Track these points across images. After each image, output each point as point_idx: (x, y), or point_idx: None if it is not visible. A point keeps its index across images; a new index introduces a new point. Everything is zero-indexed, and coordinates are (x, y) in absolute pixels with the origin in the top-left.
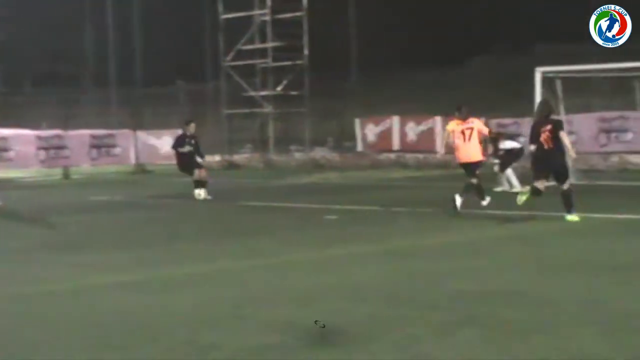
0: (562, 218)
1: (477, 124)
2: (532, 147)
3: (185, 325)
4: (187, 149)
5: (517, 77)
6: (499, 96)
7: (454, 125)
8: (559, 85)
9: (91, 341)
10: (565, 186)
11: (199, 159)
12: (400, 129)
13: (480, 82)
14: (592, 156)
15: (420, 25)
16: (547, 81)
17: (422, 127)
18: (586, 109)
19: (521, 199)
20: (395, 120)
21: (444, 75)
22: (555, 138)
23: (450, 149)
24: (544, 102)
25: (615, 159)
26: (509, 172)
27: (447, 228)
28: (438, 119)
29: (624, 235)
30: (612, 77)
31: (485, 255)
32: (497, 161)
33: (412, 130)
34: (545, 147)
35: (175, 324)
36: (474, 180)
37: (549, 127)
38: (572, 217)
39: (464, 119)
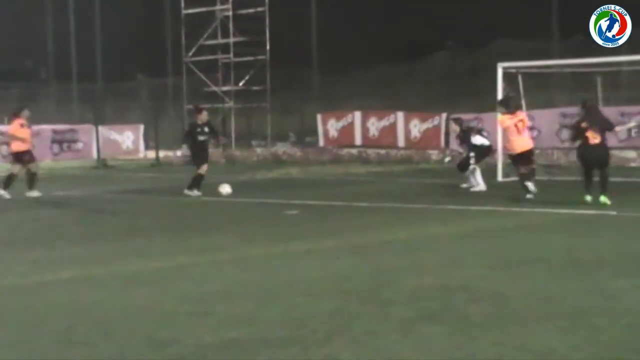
0: (524, 213)
1: (524, 116)
2: (572, 142)
3: (144, 321)
4: (202, 137)
5: (476, 73)
6: (459, 91)
7: (508, 121)
8: (520, 80)
9: (49, 337)
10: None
11: (217, 142)
12: (362, 124)
13: (440, 77)
14: (553, 152)
15: (381, 20)
16: (508, 77)
17: (384, 122)
18: (548, 104)
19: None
20: (357, 116)
21: (404, 70)
22: (601, 133)
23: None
24: (587, 100)
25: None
26: (476, 167)
27: (409, 223)
28: (400, 114)
29: (583, 231)
30: (574, 72)
31: (445, 250)
32: (472, 154)
33: (374, 125)
34: (591, 142)
35: (133, 320)
36: (533, 165)
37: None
38: (605, 200)
39: (513, 112)
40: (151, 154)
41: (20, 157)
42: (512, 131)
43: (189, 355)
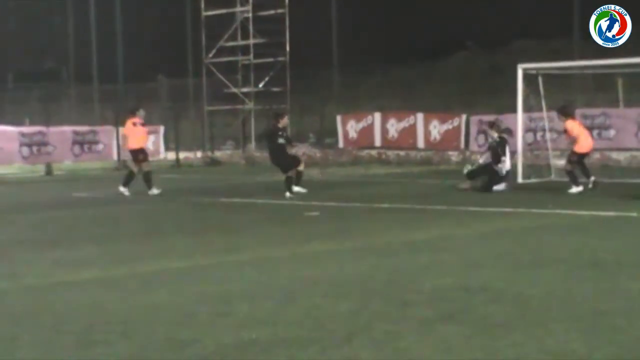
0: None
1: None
2: None
3: (164, 322)
4: (280, 141)
5: (496, 73)
6: (479, 92)
7: (576, 125)
8: (540, 81)
9: (70, 337)
10: None
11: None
12: (382, 126)
13: (460, 78)
14: None
15: (400, 21)
16: (528, 78)
17: (404, 123)
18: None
19: None
20: (376, 117)
21: (424, 71)
22: None
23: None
24: None
25: (597, 155)
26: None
27: (428, 224)
28: (419, 116)
29: (603, 233)
30: (594, 73)
31: (464, 251)
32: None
33: (393, 126)
34: None
35: (153, 320)
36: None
37: None
38: None
39: (573, 117)
40: (171, 155)
41: (135, 156)
42: (582, 132)
43: (208, 356)
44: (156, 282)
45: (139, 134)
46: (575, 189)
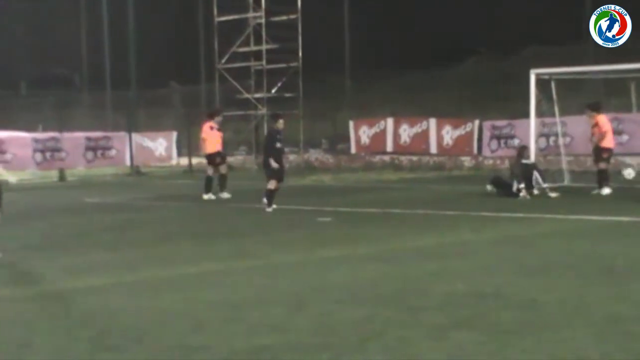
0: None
1: None
2: None
3: (174, 328)
4: (278, 145)
5: (509, 79)
6: (491, 97)
7: (608, 122)
8: (553, 86)
9: (80, 343)
10: None
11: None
12: (394, 131)
13: (472, 84)
14: (587, 158)
15: (413, 27)
16: (541, 83)
17: (416, 128)
18: (581, 110)
19: None
20: (389, 122)
21: (437, 76)
22: None
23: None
24: None
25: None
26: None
27: (440, 230)
28: (432, 121)
29: (615, 238)
30: (606, 78)
31: (476, 256)
32: (522, 186)
33: (406, 132)
34: None
35: (164, 326)
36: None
37: None
38: None
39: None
40: (184, 161)
41: (212, 159)
42: (610, 129)
43: None
44: (168, 288)
45: (215, 138)
46: (607, 190)
